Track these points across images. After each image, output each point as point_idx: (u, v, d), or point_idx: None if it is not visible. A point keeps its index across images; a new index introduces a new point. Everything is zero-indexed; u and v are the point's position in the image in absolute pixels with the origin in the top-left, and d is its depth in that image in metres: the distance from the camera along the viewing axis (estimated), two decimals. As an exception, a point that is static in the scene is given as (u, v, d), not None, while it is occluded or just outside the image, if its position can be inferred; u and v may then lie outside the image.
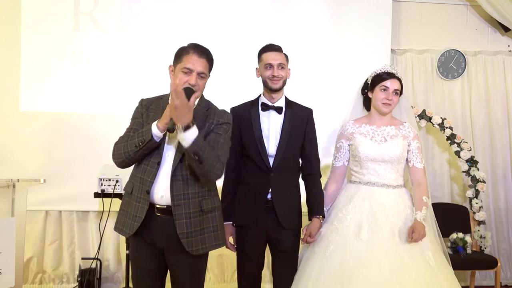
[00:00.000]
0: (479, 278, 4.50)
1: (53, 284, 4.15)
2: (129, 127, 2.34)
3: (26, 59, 4.06)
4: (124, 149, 2.24)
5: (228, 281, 4.31)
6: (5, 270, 2.30)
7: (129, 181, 2.36)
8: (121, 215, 2.35)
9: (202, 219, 2.27)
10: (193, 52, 2.25)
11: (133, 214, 2.26)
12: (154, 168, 2.23)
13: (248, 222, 2.70)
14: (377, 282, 2.43)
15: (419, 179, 2.77)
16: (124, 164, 2.29)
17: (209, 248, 2.30)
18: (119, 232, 2.35)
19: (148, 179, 2.23)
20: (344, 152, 2.88)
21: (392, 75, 2.75)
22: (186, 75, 2.23)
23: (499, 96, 4.67)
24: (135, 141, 2.21)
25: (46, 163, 4.01)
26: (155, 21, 4.16)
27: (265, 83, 2.75)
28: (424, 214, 2.66)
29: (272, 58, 2.72)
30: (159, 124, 2.17)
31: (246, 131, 2.73)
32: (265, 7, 4.29)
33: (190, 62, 2.23)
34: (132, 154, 2.22)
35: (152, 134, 2.17)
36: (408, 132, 2.80)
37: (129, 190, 2.32)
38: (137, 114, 2.35)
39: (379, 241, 2.56)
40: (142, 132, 2.21)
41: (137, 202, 2.25)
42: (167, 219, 2.24)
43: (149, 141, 2.18)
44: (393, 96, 2.74)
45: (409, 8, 4.66)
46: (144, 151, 2.22)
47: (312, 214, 2.74)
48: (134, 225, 2.24)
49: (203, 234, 2.27)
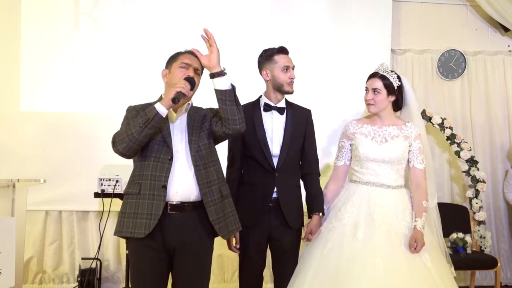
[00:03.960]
0: (479, 278, 4.50)
1: (53, 284, 4.15)
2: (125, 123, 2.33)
3: (26, 59, 4.05)
4: (127, 132, 2.21)
5: (228, 281, 4.31)
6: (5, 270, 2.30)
7: (132, 183, 2.32)
8: (127, 218, 2.27)
9: (223, 204, 2.38)
10: (187, 52, 2.38)
11: (146, 213, 2.22)
12: (167, 163, 2.25)
13: (253, 222, 2.70)
14: (371, 281, 2.44)
15: (419, 181, 2.76)
16: (128, 149, 2.22)
17: (232, 232, 2.43)
18: (129, 235, 2.25)
19: (162, 174, 2.24)
20: (345, 151, 2.88)
21: (374, 75, 2.77)
22: (184, 69, 2.32)
23: (499, 96, 4.67)
24: (139, 121, 2.20)
25: (46, 163, 4.00)
26: (155, 21, 4.16)
27: (280, 86, 2.73)
28: (424, 221, 2.66)
29: (288, 61, 2.74)
30: (162, 102, 2.22)
31: (249, 132, 2.71)
32: (265, 7, 4.28)
33: (187, 58, 2.34)
34: (136, 135, 2.19)
35: (156, 110, 2.20)
36: (410, 132, 2.79)
37: (135, 191, 2.27)
38: (131, 114, 2.33)
39: (374, 240, 2.56)
40: (144, 113, 2.21)
41: (150, 200, 2.23)
42: (179, 216, 2.26)
43: (155, 116, 2.18)
44: (374, 95, 2.73)
45: (409, 8, 4.66)
46: (149, 130, 2.20)
47: (312, 212, 2.76)
48: (150, 223, 2.21)
49: (227, 219, 2.39)
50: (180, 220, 2.27)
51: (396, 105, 2.83)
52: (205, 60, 2.31)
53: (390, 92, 2.75)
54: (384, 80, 2.74)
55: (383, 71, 2.76)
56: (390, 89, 2.75)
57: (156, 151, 2.27)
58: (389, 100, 2.77)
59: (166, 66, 2.40)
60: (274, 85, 2.75)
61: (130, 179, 2.36)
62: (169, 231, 2.26)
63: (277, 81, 2.73)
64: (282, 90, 2.74)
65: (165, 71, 2.39)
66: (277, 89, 2.75)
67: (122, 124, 2.34)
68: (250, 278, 2.81)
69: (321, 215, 2.76)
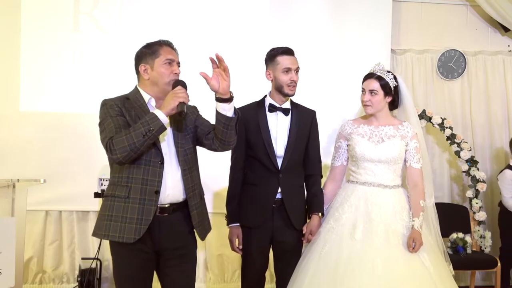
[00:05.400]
0: (479, 278, 4.50)
1: (53, 284, 4.15)
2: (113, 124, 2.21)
3: (26, 59, 4.05)
4: (129, 141, 2.12)
5: (228, 281, 4.31)
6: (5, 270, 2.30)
7: (118, 185, 2.24)
8: (114, 221, 2.20)
9: (202, 208, 2.41)
10: (165, 44, 2.33)
11: (136, 218, 2.18)
12: (158, 167, 2.21)
13: (257, 223, 2.70)
14: (370, 282, 2.44)
15: (416, 180, 2.76)
16: (128, 158, 2.15)
17: (207, 231, 2.45)
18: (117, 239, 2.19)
19: (155, 179, 2.20)
20: (342, 152, 2.89)
21: (370, 75, 2.75)
22: (170, 66, 2.28)
23: (499, 96, 4.67)
24: (141, 130, 2.11)
25: (46, 163, 4.00)
26: (155, 21, 4.15)
27: (280, 87, 2.72)
28: (421, 221, 2.66)
29: (290, 63, 2.70)
30: (164, 111, 2.15)
31: (253, 132, 2.72)
32: (265, 8, 4.28)
33: (169, 53, 2.30)
34: (138, 145, 2.12)
35: (161, 122, 2.14)
36: (406, 132, 2.79)
37: (123, 194, 2.20)
38: (115, 112, 2.24)
39: (372, 241, 2.57)
40: (145, 122, 2.13)
41: (141, 205, 2.19)
42: (166, 218, 2.25)
43: (160, 128, 2.14)
44: (370, 96, 2.73)
45: (409, 8, 4.66)
46: (150, 140, 2.15)
47: (312, 212, 2.76)
48: (141, 228, 2.18)
49: (204, 221, 2.42)
50: (168, 221, 2.26)
51: (392, 104, 2.83)
52: (215, 85, 2.20)
53: (387, 93, 2.75)
54: (381, 80, 2.73)
55: (380, 71, 2.75)
56: (387, 89, 2.74)
57: (146, 153, 2.20)
58: (386, 101, 2.77)
59: (143, 60, 2.29)
60: (275, 86, 2.75)
61: (114, 179, 2.27)
62: (158, 233, 2.25)
63: (278, 82, 2.72)
64: (282, 92, 2.72)
65: (145, 67, 2.28)
66: (278, 90, 2.74)
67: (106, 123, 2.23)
68: (252, 278, 2.81)
69: (321, 215, 2.76)
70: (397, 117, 2.89)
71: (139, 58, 2.32)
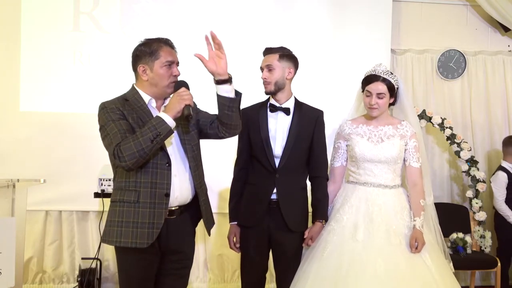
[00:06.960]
0: (479, 278, 4.50)
1: (53, 284, 4.15)
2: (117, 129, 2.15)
3: (26, 59, 4.05)
4: (137, 147, 2.07)
5: (228, 281, 4.31)
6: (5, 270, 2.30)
7: (126, 190, 2.20)
8: (125, 227, 2.17)
9: (208, 203, 2.43)
10: (165, 44, 2.28)
11: (148, 222, 2.16)
12: (166, 169, 2.20)
13: (253, 222, 2.70)
14: (372, 282, 2.44)
15: (415, 179, 2.76)
16: (137, 164, 2.11)
17: (212, 226, 2.46)
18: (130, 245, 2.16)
19: (163, 181, 2.18)
20: (342, 152, 2.88)
21: (376, 78, 2.69)
22: (170, 68, 2.25)
23: (499, 96, 4.68)
24: (149, 136, 2.08)
25: (46, 163, 4.00)
26: (155, 21, 4.16)
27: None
28: (422, 220, 2.66)
29: (263, 61, 2.72)
30: (170, 114, 2.13)
31: (253, 132, 2.73)
32: (266, 8, 4.28)
33: (169, 55, 2.26)
34: (147, 151, 2.09)
35: (169, 126, 2.11)
36: (405, 131, 2.79)
37: (133, 199, 2.18)
38: (116, 116, 2.19)
39: (374, 241, 2.56)
40: (152, 126, 2.09)
41: (151, 209, 2.17)
42: (173, 220, 2.26)
43: (168, 132, 2.11)
44: (377, 100, 2.69)
45: (409, 8, 4.67)
46: (158, 145, 2.13)
47: (316, 218, 2.74)
48: (153, 232, 2.16)
49: (211, 216, 2.45)
50: (175, 223, 2.26)
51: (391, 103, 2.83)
52: (211, 66, 2.18)
53: (391, 95, 2.74)
54: (387, 83, 2.70)
55: (385, 73, 2.71)
56: (392, 91, 2.73)
57: (152, 155, 2.17)
58: (389, 102, 2.77)
59: (142, 60, 2.24)
60: None
61: (121, 184, 2.24)
62: (166, 236, 2.25)
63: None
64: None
65: (144, 67, 2.24)
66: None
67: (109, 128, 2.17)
68: (251, 278, 2.80)
69: (324, 222, 2.73)
70: (393, 115, 2.88)
71: (138, 57, 2.27)
